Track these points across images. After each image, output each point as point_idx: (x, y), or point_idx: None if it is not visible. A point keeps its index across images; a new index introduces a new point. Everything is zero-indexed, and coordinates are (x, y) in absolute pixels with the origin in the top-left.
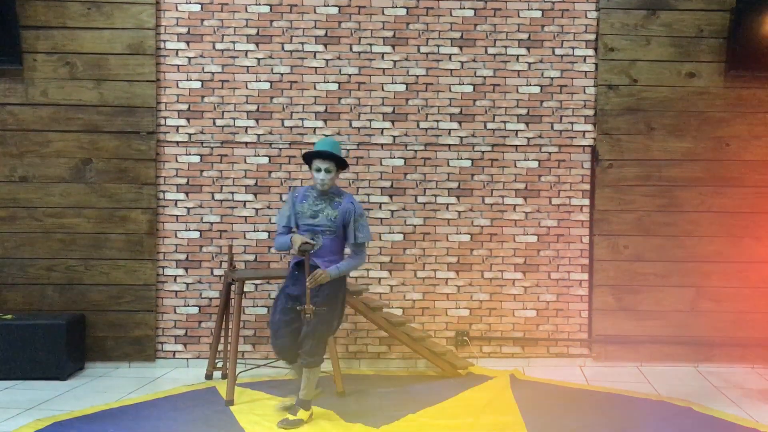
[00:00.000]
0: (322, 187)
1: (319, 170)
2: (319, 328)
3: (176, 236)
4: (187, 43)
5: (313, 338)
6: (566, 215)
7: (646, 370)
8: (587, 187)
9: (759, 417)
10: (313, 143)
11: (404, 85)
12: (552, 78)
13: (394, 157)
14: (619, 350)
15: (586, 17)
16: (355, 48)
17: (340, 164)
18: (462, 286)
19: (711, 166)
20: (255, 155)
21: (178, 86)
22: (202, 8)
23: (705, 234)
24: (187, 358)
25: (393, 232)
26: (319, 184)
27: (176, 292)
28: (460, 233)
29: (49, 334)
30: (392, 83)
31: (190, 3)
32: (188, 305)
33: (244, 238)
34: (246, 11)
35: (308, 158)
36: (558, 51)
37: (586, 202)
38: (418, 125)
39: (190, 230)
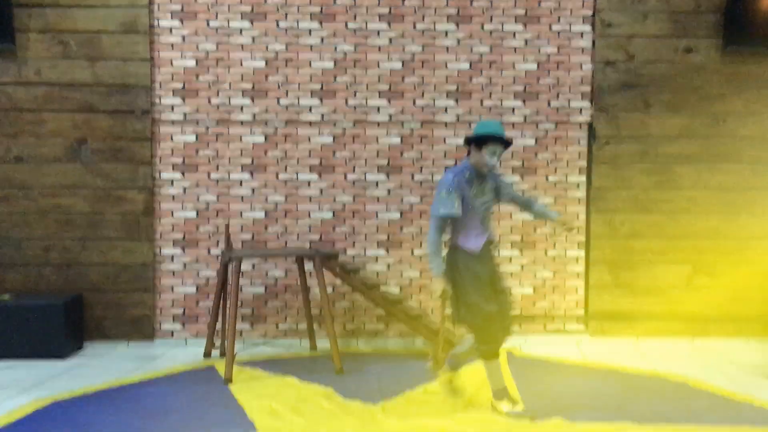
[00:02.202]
0: (489, 170)
1: (493, 153)
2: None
3: (173, 216)
4: (181, 20)
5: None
6: (563, 192)
7: (642, 346)
8: (584, 164)
9: (754, 391)
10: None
11: (400, 63)
12: (549, 54)
13: (391, 135)
14: (615, 326)
15: None
16: (351, 25)
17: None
18: None
19: (707, 142)
20: (251, 134)
21: (172, 65)
22: None
23: (701, 210)
24: (185, 337)
25: (390, 211)
26: (489, 166)
27: (174, 271)
28: None
29: (47, 314)
30: (388, 60)
31: None
32: (186, 285)
33: (241, 217)
34: None
35: (478, 140)
36: (555, 27)
37: (583, 179)
38: (414, 103)
39: (186, 210)
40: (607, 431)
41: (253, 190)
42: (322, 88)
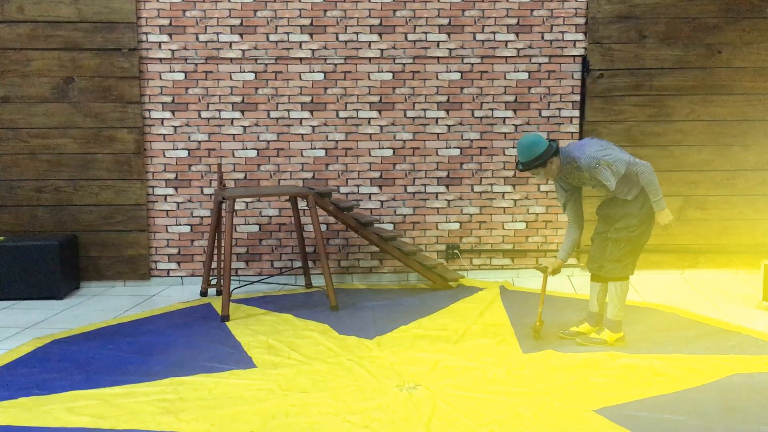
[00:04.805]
0: (552, 179)
1: (533, 174)
2: (622, 236)
3: (164, 155)
4: None
5: (617, 244)
6: (556, 127)
7: (632, 278)
8: (577, 98)
9: (742, 320)
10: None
11: None
12: None
13: (383, 71)
14: None
15: None
16: None
17: (542, 161)
18: (452, 200)
19: (702, 74)
20: (240, 71)
21: (157, 0)
22: None
23: (693, 143)
24: (181, 276)
25: (383, 147)
26: (541, 181)
27: (167, 211)
28: (450, 147)
29: (43, 254)
30: None
31: None
32: (180, 224)
33: (233, 156)
34: None
35: None
36: None
37: (576, 113)
38: (406, 38)
39: (178, 149)
40: (598, 360)
41: (244, 129)
42: (311, 23)
